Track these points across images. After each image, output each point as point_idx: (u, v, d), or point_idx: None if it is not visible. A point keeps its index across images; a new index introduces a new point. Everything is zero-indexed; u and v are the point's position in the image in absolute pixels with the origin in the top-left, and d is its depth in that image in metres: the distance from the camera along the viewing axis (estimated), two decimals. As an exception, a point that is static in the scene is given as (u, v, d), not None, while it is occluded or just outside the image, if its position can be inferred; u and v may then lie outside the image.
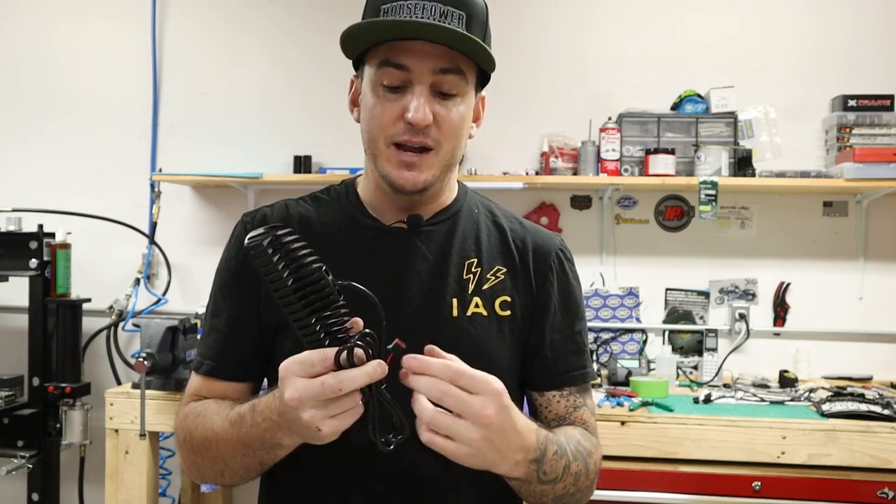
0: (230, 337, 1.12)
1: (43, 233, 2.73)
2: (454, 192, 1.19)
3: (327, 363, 0.81)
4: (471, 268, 1.13)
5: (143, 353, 2.41)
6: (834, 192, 2.87)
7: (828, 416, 2.25)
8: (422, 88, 1.02)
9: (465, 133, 1.09)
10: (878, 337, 2.88)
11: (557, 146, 2.89)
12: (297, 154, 2.99)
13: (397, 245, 1.12)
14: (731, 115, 2.82)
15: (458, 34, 0.99)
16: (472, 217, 1.18)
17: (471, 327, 1.10)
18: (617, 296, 2.94)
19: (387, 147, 1.05)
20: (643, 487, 2.21)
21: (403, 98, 1.03)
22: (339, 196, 1.19)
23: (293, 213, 1.16)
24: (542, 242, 1.19)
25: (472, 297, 1.11)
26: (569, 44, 3.02)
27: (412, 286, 1.10)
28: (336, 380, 0.80)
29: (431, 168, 1.06)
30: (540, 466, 0.96)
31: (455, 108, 1.05)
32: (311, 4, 3.12)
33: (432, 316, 1.09)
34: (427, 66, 1.01)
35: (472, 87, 1.08)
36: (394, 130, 1.04)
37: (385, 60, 1.03)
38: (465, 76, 1.04)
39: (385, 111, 1.04)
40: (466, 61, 1.04)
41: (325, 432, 0.83)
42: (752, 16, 2.94)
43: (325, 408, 0.82)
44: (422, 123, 1.02)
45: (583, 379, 1.17)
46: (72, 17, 3.22)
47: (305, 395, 0.81)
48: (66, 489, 2.91)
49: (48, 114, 3.21)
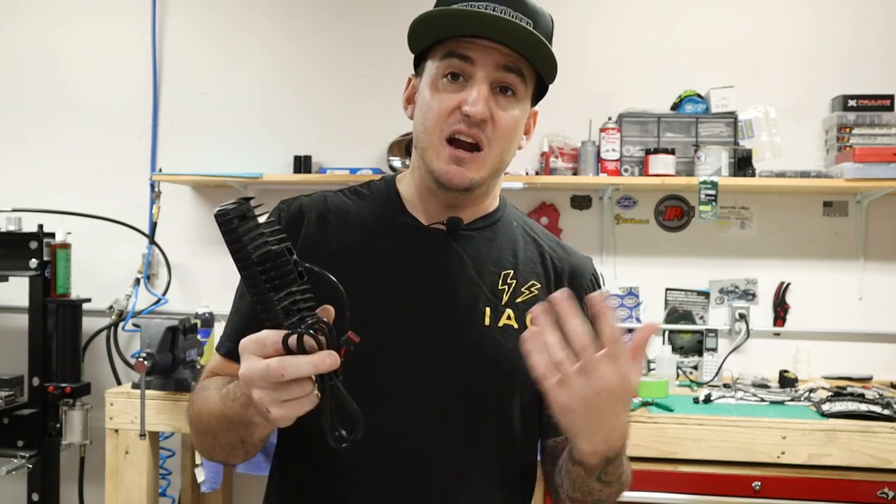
0: (252, 319, 1.10)
1: (43, 233, 2.73)
2: (497, 201, 1.19)
3: (277, 346, 0.79)
4: (506, 279, 1.12)
5: (143, 353, 2.41)
6: (834, 192, 2.87)
7: (828, 416, 2.25)
8: (483, 81, 1.03)
9: (516, 139, 1.09)
10: (878, 337, 2.88)
11: (557, 146, 2.89)
12: (297, 154, 2.99)
13: (434, 246, 1.11)
14: (731, 115, 2.82)
15: (528, 31, 1.00)
16: (511, 229, 1.18)
17: (501, 338, 1.09)
18: (617, 296, 2.94)
19: (439, 141, 1.05)
20: (643, 487, 2.21)
21: (463, 90, 1.03)
22: (380, 192, 1.18)
23: (331, 204, 1.15)
24: (578, 266, 1.20)
25: (505, 309, 1.10)
26: (569, 44, 2.99)
27: (446, 289, 1.09)
28: (279, 365, 0.78)
29: (480, 168, 1.06)
30: (607, 466, 0.97)
31: (511, 110, 1.05)
32: (311, 4, 3.12)
33: (464, 321, 1.08)
34: (491, 61, 1.02)
35: (529, 96, 1.09)
36: (449, 121, 1.04)
37: (450, 52, 1.03)
38: (524, 80, 1.05)
39: (443, 101, 1.04)
40: (528, 67, 1.05)
41: (274, 416, 0.81)
42: (752, 16, 2.95)
43: (274, 390, 0.80)
44: (479, 116, 1.02)
45: None
46: (72, 17, 3.22)
47: (254, 374, 0.80)
48: (66, 489, 2.91)
49: (48, 114, 3.21)
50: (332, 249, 1.10)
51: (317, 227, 1.12)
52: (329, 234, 1.12)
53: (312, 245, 1.10)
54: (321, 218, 1.13)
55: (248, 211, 0.77)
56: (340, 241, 1.12)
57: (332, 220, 1.13)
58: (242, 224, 0.77)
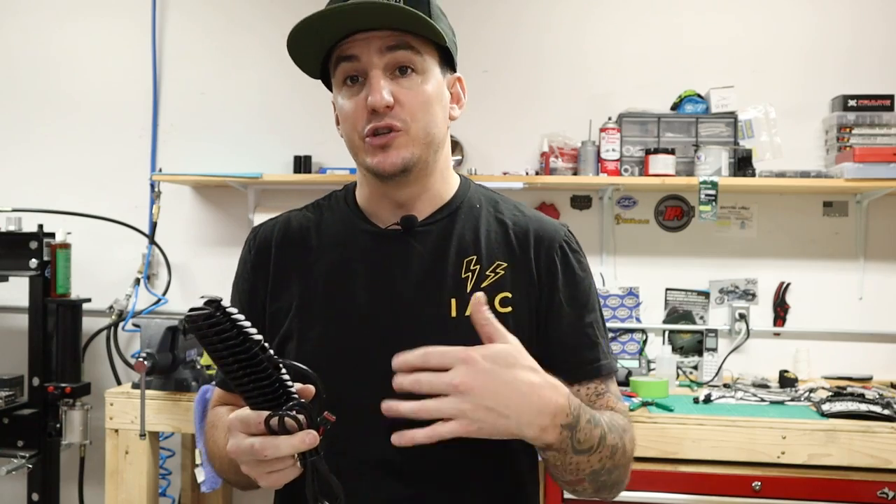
0: None
1: (43, 233, 2.73)
2: (452, 187, 1.17)
3: (261, 426, 0.84)
4: (469, 265, 1.11)
5: (143, 353, 2.41)
6: (834, 192, 2.87)
7: (828, 416, 2.25)
8: (375, 72, 1.03)
9: (436, 111, 1.07)
10: (878, 337, 2.88)
11: (557, 146, 2.89)
12: (297, 154, 2.99)
13: (393, 247, 1.11)
14: (731, 115, 2.82)
15: (394, 7, 0.99)
16: (473, 213, 1.15)
17: (470, 328, 1.05)
18: (617, 296, 2.94)
19: (361, 140, 1.06)
20: (643, 487, 2.21)
21: (363, 88, 1.04)
22: (339, 202, 1.20)
23: (295, 224, 1.18)
24: (544, 233, 1.16)
25: (472, 296, 1.08)
26: (569, 44, 3.02)
27: (408, 288, 1.09)
28: (261, 446, 0.84)
29: (407, 146, 1.05)
30: (574, 434, 0.94)
31: (416, 86, 1.05)
32: (311, 4, 3.10)
33: (431, 318, 1.08)
34: (374, 49, 1.03)
35: (435, 64, 1.07)
36: (363, 122, 1.04)
37: (338, 58, 1.05)
38: (417, 51, 1.04)
39: (352, 108, 1.05)
40: (418, 38, 1.04)
41: (263, 484, 0.89)
42: (752, 16, 2.94)
43: (258, 465, 0.86)
44: (380, 105, 1.02)
45: (597, 372, 1.13)
46: (71, 17, 3.22)
47: (240, 452, 0.86)
48: (66, 489, 2.91)
49: (48, 114, 3.21)
50: (302, 269, 1.13)
51: (283, 253, 1.16)
52: (295, 255, 1.15)
53: (283, 269, 1.14)
54: (287, 241, 1.16)
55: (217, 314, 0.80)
56: (306, 260, 1.14)
57: (296, 240, 1.17)
58: (213, 328, 0.80)
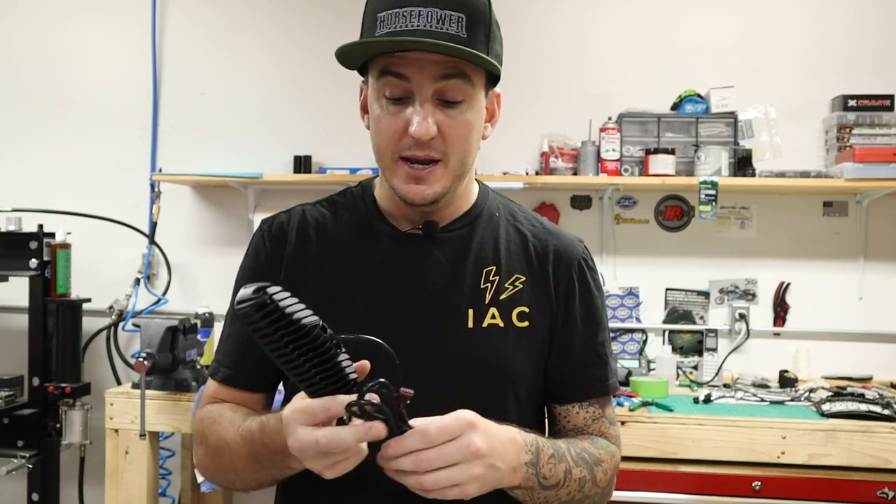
0: (246, 345, 1.10)
1: (43, 233, 2.72)
2: (472, 195, 1.16)
3: (329, 413, 0.81)
4: (489, 276, 1.09)
5: (143, 353, 2.41)
6: (834, 192, 2.87)
7: (828, 416, 2.25)
8: (424, 99, 0.98)
9: (474, 139, 1.05)
10: (878, 337, 2.88)
11: (557, 146, 2.89)
12: (297, 154, 2.98)
13: (412, 252, 1.10)
14: (731, 115, 2.82)
15: (453, 48, 0.95)
16: (493, 222, 1.14)
17: (486, 339, 1.07)
18: (617, 296, 2.94)
19: (394, 161, 1.02)
20: (643, 487, 2.21)
21: (406, 110, 0.99)
22: (356, 199, 1.16)
23: (310, 218, 1.14)
24: (563, 250, 1.15)
25: (489, 308, 1.08)
26: (568, 44, 3.02)
27: (426, 296, 1.07)
28: (327, 440, 0.81)
29: (441, 180, 1.03)
30: (538, 469, 0.95)
31: (461, 116, 1.01)
32: (311, 4, 3.12)
33: (447, 327, 1.07)
34: (427, 75, 0.98)
35: (481, 89, 1.03)
36: (399, 145, 1.01)
37: (385, 70, 0.99)
38: (470, 80, 1.00)
39: (390, 125, 1.01)
40: (469, 64, 0.99)
41: (329, 475, 0.85)
42: (752, 16, 2.94)
43: (325, 458, 0.83)
44: (425, 137, 0.98)
45: (604, 391, 1.14)
46: (71, 16, 3.22)
47: (305, 447, 0.83)
48: (66, 489, 2.91)
49: (48, 114, 3.21)
50: (316, 266, 1.11)
51: (298, 245, 1.12)
52: (310, 250, 1.12)
53: (297, 263, 1.11)
54: (302, 234, 1.13)
55: (267, 301, 0.75)
56: (322, 256, 1.11)
57: (312, 235, 1.13)
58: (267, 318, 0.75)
